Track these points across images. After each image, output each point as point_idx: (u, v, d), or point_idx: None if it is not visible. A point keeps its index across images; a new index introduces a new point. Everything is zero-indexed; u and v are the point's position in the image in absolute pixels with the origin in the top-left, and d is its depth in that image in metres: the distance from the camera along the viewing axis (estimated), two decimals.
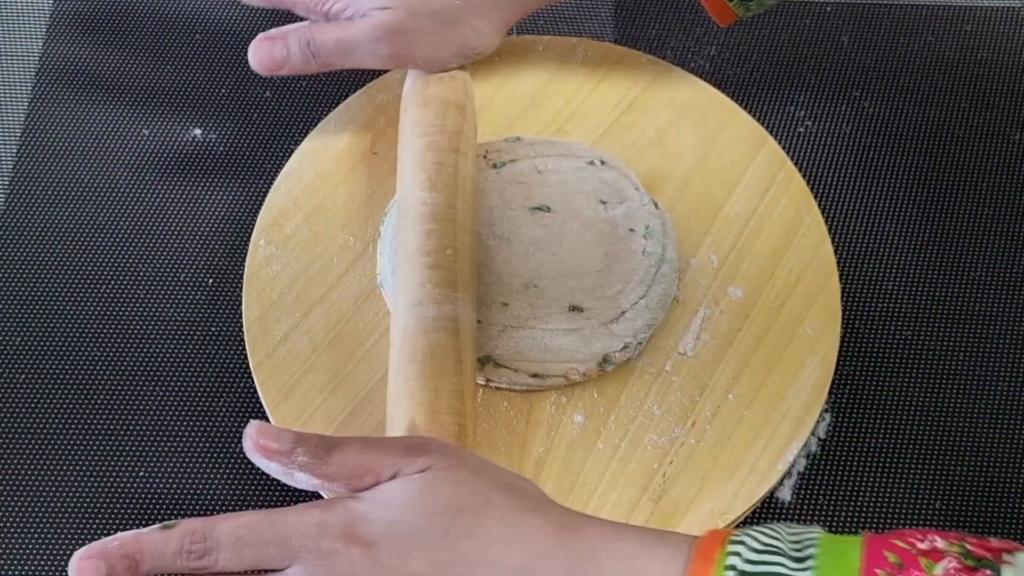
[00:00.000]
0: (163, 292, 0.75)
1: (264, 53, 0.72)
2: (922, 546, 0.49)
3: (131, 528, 0.67)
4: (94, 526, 0.68)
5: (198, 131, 0.81)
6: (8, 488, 0.69)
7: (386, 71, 0.78)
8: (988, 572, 0.48)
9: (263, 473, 0.69)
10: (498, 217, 0.72)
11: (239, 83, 0.83)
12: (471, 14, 0.72)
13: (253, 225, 0.73)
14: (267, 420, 0.68)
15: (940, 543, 0.49)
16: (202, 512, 0.68)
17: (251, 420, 0.56)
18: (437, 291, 0.65)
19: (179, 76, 0.83)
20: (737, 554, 0.51)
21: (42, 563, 0.67)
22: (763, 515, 0.69)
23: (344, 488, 0.55)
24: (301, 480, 0.56)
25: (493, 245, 0.71)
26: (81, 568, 0.54)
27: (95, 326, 0.74)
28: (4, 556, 0.67)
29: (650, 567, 0.52)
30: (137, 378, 0.72)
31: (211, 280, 0.76)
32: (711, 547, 0.51)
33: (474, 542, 0.53)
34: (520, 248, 0.71)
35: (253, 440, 0.56)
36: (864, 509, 0.69)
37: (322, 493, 0.60)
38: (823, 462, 0.71)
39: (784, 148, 0.77)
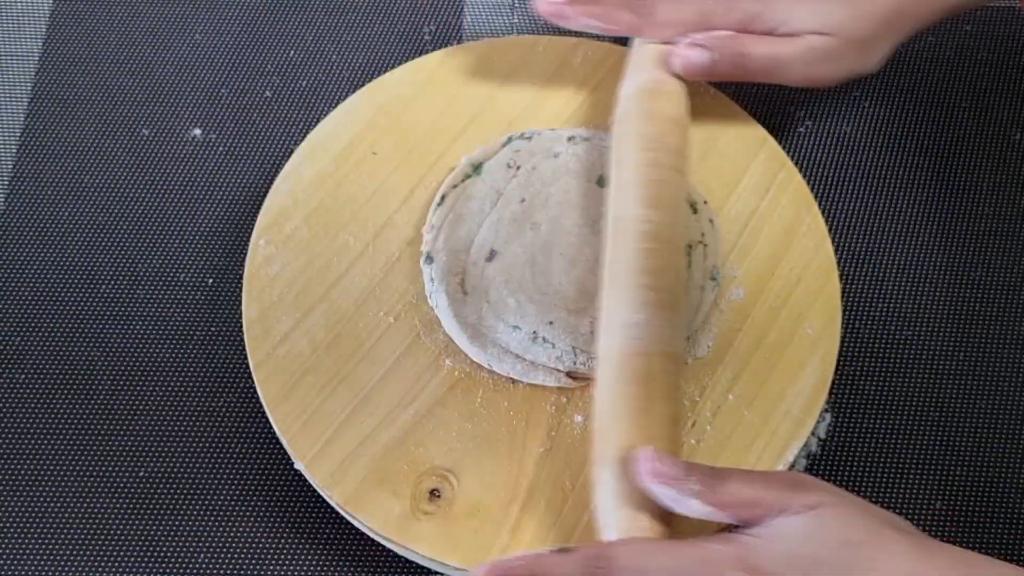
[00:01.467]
0: (163, 292, 0.75)
1: (692, 59, 0.72)
2: None
3: (131, 528, 0.68)
4: (94, 526, 0.68)
5: (198, 131, 0.81)
6: (8, 488, 0.69)
7: (386, 71, 0.78)
8: None
9: (263, 473, 0.70)
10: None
11: (239, 83, 0.83)
12: (883, 40, 0.73)
13: (253, 225, 0.73)
14: (267, 420, 0.68)
15: None
16: (201, 511, 0.68)
17: (642, 447, 0.59)
18: (657, 314, 0.65)
19: (179, 76, 0.83)
20: None
21: (42, 563, 0.67)
22: None
23: (733, 518, 0.57)
24: (693, 507, 0.58)
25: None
26: None
27: (95, 326, 0.74)
28: (4, 556, 0.67)
29: None
30: (137, 378, 0.72)
31: (211, 280, 0.76)
32: None
33: (875, 575, 0.54)
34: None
35: (649, 466, 0.58)
36: None
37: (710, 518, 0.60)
38: (823, 462, 0.71)
39: (784, 148, 0.77)
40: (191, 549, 0.68)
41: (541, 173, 0.74)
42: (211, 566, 0.67)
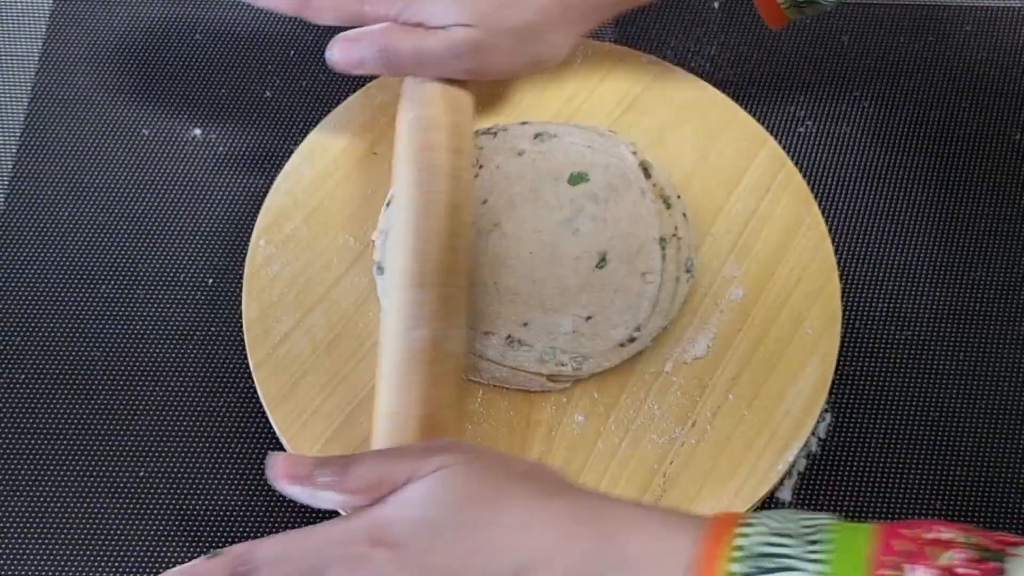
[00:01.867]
0: (163, 292, 0.75)
1: (342, 53, 0.72)
2: (929, 536, 0.50)
3: (131, 528, 0.68)
4: (94, 526, 0.68)
5: (198, 131, 0.81)
6: (8, 488, 0.69)
7: None
8: (995, 564, 0.48)
9: (263, 473, 0.69)
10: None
11: (239, 83, 0.83)
12: (548, 29, 0.72)
13: (253, 225, 0.73)
14: (267, 420, 0.68)
15: (946, 534, 0.50)
16: (201, 511, 0.68)
17: (271, 452, 0.58)
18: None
19: (179, 76, 0.83)
20: (746, 535, 0.51)
21: (42, 563, 0.67)
22: None
23: (366, 501, 0.56)
24: (326, 500, 0.57)
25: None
26: None
27: (95, 326, 0.74)
28: (4, 556, 0.67)
29: (670, 548, 0.52)
30: (137, 378, 0.72)
31: (211, 280, 0.76)
32: (722, 528, 0.52)
33: (495, 530, 0.54)
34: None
35: (277, 469, 0.57)
36: (864, 509, 0.69)
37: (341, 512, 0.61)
38: (823, 462, 0.71)
39: (784, 148, 0.77)
40: (191, 549, 0.68)
41: (505, 172, 0.74)
42: None
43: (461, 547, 0.53)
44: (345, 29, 0.72)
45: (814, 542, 0.50)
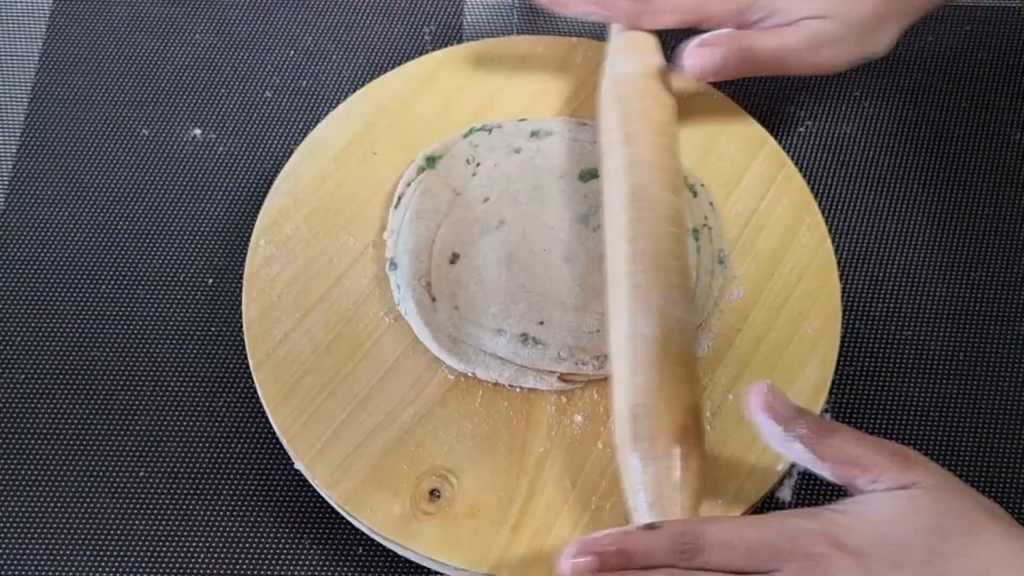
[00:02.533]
0: (163, 292, 0.75)
1: (703, 59, 0.72)
2: None
3: (131, 528, 0.68)
4: (94, 526, 0.68)
5: (198, 131, 0.81)
6: (8, 488, 0.69)
7: (386, 71, 0.79)
8: None
9: (263, 473, 0.69)
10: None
11: (239, 83, 0.83)
12: (888, 20, 0.73)
13: (253, 225, 0.73)
14: (267, 420, 0.68)
15: None
16: (201, 511, 0.68)
17: (762, 381, 0.58)
18: (684, 296, 0.66)
19: (179, 76, 0.83)
20: None
21: (42, 563, 0.67)
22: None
23: (831, 473, 0.57)
24: (794, 451, 0.57)
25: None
26: (577, 565, 0.55)
27: (95, 326, 0.74)
28: (4, 556, 0.67)
29: None
30: (137, 378, 0.72)
31: (211, 280, 0.76)
32: None
33: (967, 562, 0.53)
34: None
35: (762, 399, 0.57)
36: None
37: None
38: None
39: (784, 148, 0.77)
40: (191, 549, 0.68)
41: (505, 169, 0.74)
42: (211, 566, 0.67)
43: (929, 570, 0.53)
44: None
45: None
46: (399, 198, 0.73)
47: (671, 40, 0.76)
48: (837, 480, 0.57)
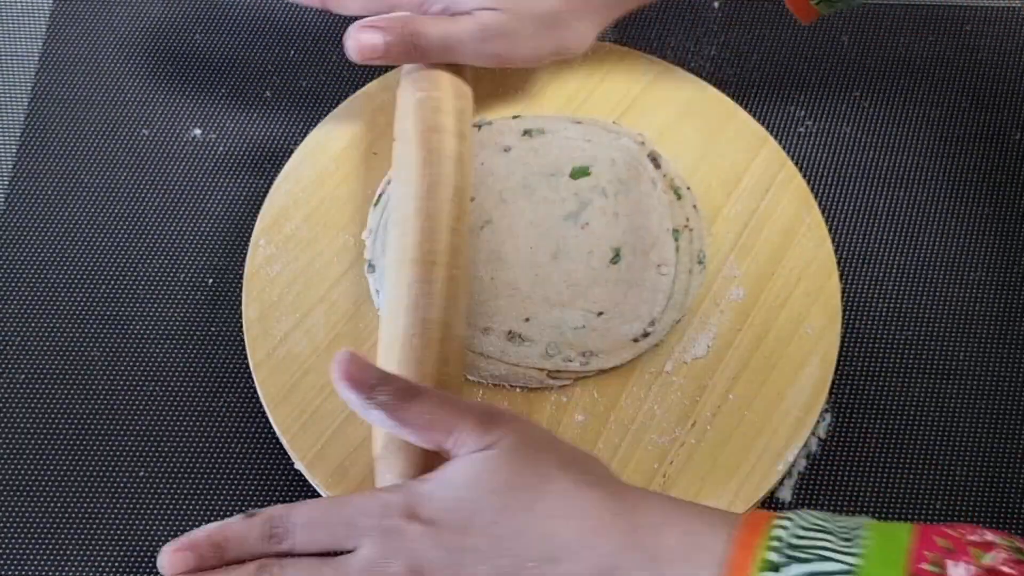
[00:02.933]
0: (163, 292, 0.75)
1: (364, 41, 0.71)
2: (972, 537, 0.50)
3: (131, 528, 0.68)
4: (94, 526, 0.68)
5: (198, 131, 0.81)
6: (8, 488, 0.69)
7: (385, 71, 0.78)
8: None
9: (263, 473, 0.69)
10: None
11: (239, 83, 0.83)
12: (572, 16, 0.72)
13: (253, 225, 0.73)
14: (267, 420, 0.68)
15: (989, 536, 0.50)
16: (201, 511, 0.68)
17: (343, 348, 0.57)
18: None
19: (179, 76, 0.83)
20: (784, 527, 0.52)
21: (42, 563, 0.67)
22: None
23: (419, 439, 0.57)
24: (376, 417, 0.57)
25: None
26: (173, 560, 0.56)
27: (95, 326, 0.74)
28: (4, 556, 0.67)
29: (704, 542, 0.53)
30: (137, 378, 0.72)
31: (211, 280, 0.76)
32: (758, 521, 0.52)
33: (531, 516, 0.54)
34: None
35: (342, 367, 0.57)
36: (864, 509, 0.69)
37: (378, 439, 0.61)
38: (823, 462, 0.71)
39: (784, 148, 0.77)
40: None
41: (492, 168, 0.74)
42: None
43: (495, 530, 0.53)
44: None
45: (851, 538, 0.51)
46: (379, 196, 0.73)
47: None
48: (424, 445, 0.57)
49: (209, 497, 0.69)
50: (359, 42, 0.71)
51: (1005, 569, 0.48)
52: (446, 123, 0.70)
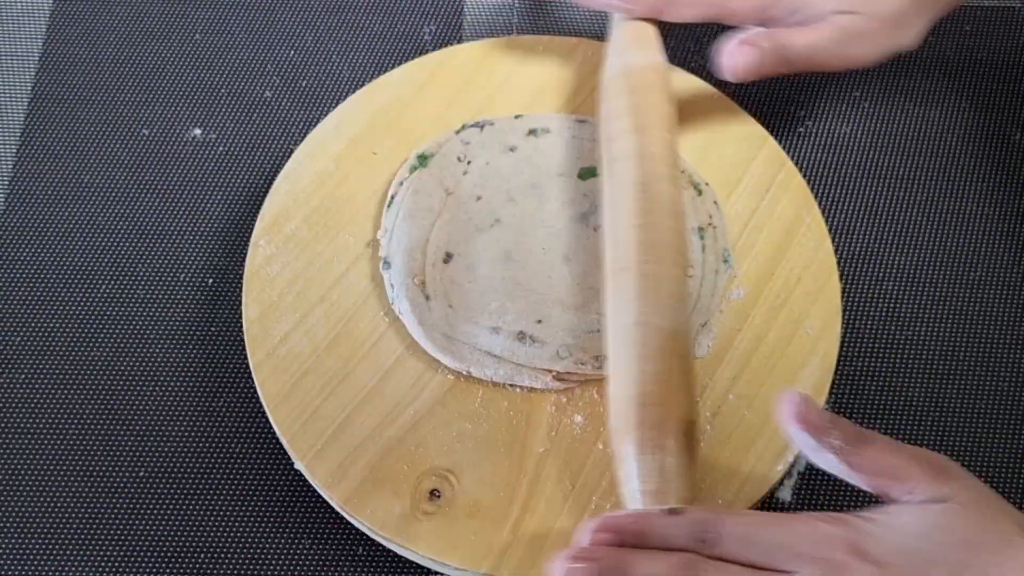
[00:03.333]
0: (163, 292, 0.75)
1: (745, 60, 0.71)
2: None
3: (131, 528, 0.68)
4: (94, 526, 0.68)
5: (198, 131, 0.81)
6: (8, 488, 0.69)
7: (386, 71, 0.79)
8: None
9: (263, 473, 0.69)
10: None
11: (239, 83, 0.83)
12: (915, 14, 0.72)
13: (253, 225, 0.73)
14: (267, 420, 0.68)
15: None
16: (201, 511, 0.68)
17: (794, 389, 0.57)
18: (681, 289, 0.67)
19: (179, 76, 0.83)
20: None
21: (42, 563, 0.67)
22: None
23: (867, 483, 0.56)
24: (828, 461, 0.57)
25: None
26: (597, 538, 0.55)
27: (95, 326, 0.74)
28: (4, 556, 0.67)
29: None
30: (137, 378, 0.72)
31: (211, 280, 0.76)
32: None
33: None
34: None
35: (794, 409, 0.57)
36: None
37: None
38: None
39: (784, 148, 0.77)
40: (191, 549, 0.68)
41: (498, 168, 0.74)
42: (211, 566, 0.67)
43: None
44: None
45: None
46: (392, 197, 0.73)
47: (673, 37, 0.76)
48: (871, 490, 0.56)
49: (209, 497, 0.69)
50: (739, 61, 0.71)
51: None
52: (662, 171, 0.69)
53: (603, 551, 0.54)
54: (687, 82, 0.79)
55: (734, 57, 0.71)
